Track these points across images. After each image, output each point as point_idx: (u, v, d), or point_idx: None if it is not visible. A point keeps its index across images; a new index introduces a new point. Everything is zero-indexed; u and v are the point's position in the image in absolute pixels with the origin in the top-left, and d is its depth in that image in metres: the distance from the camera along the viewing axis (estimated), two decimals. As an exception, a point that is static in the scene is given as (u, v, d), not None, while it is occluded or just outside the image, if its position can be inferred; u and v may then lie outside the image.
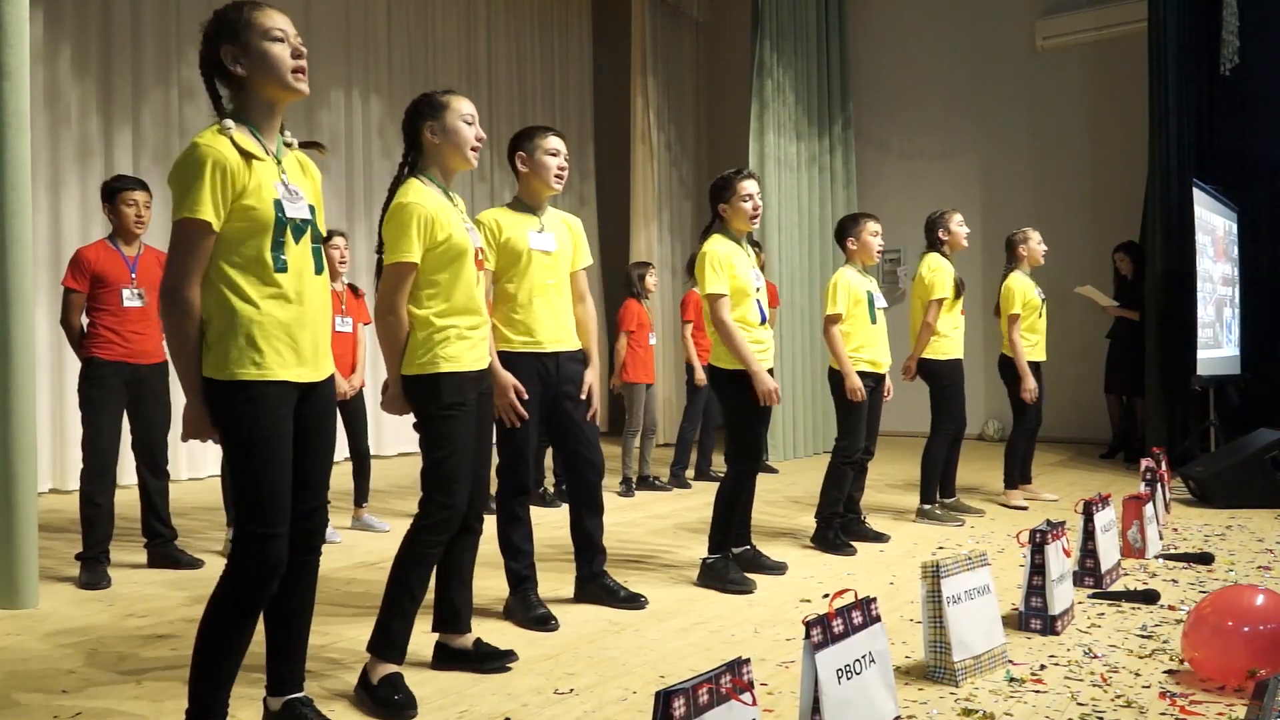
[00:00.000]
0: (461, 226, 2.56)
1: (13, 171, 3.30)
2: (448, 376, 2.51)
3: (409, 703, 2.39)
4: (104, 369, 3.77)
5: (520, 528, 3.25)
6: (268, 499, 2.01)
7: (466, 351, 2.55)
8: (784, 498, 5.83)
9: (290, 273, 2.04)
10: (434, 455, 2.53)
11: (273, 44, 2.01)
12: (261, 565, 2.01)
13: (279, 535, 2.02)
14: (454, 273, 2.53)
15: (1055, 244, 7.31)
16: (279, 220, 2.02)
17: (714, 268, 3.60)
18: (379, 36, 8.03)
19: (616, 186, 9.60)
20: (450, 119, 2.57)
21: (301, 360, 2.06)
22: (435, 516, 2.52)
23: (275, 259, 2.02)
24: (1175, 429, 6.85)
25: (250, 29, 2.01)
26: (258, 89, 2.04)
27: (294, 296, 2.05)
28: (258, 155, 2.02)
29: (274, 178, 2.04)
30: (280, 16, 2.06)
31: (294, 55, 2.04)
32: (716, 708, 1.66)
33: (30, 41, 3.45)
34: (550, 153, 3.18)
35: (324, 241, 2.36)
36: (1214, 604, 2.57)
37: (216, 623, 2.02)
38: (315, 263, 2.11)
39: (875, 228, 4.47)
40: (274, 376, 2.01)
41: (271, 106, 2.07)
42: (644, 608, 3.36)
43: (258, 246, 2.01)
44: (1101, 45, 8.33)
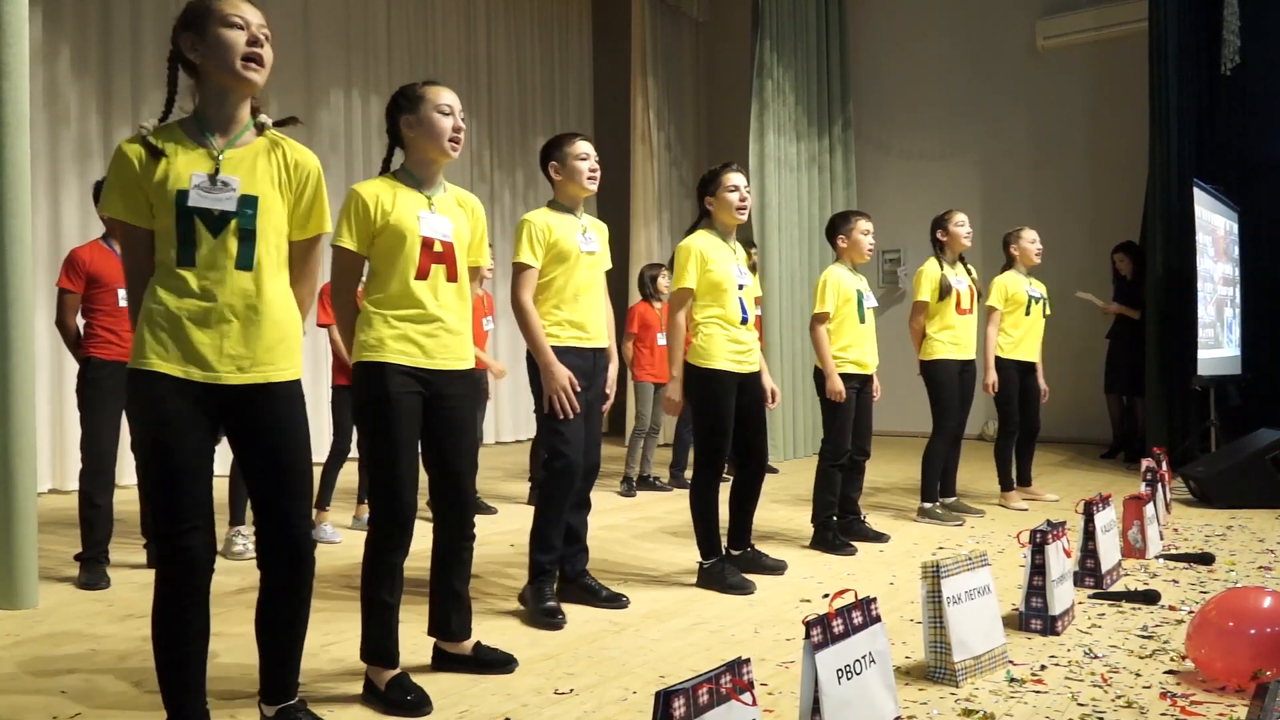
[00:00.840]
0: (412, 214, 2.49)
1: (12, 171, 3.30)
2: (371, 367, 2.45)
3: (422, 700, 2.38)
4: (101, 370, 3.76)
5: (558, 522, 3.26)
6: (168, 495, 1.96)
7: (394, 339, 2.45)
8: (784, 498, 5.83)
9: (199, 266, 1.97)
10: (368, 450, 2.49)
11: (228, 30, 1.98)
12: (178, 564, 1.98)
13: (191, 530, 1.97)
14: (392, 258, 2.47)
15: (1055, 244, 7.33)
16: (181, 211, 1.96)
17: (683, 261, 3.61)
18: (379, 36, 8.03)
19: (616, 186, 9.58)
20: (425, 110, 2.53)
21: (200, 358, 1.97)
22: (384, 518, 2.47)
23: (180, 252, 1.97)
24: (1175, 429, 6.85)
25: (209, 16, 1.98)
26: (211, 76, 2.01)
27: (200, 290, 1.97)
28: (167, 152, 1.97)
29: (194, 169, 1.98)
30: (246, 6, 2.01)
31: (249, 43, 1.99)
32: (716, 708, 1.66)
33: (30, 41, 3.45)
34: (581, 157, 3.24)
35: None
36: (1219, 606, 2.57)
37: (157, 627, 2.01)
38: (239, 256, 1.99)
39: (866, 226, 4.45)
40: (154, 368, 1.96)
41: (224, 96, 2.03)
42: (626, 607, 3.36)
43: (167, 239, 1.98)
44: (1101, 45, 8.33)
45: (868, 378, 4.49)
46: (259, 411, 2.05)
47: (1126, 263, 7.31)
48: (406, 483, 2.48)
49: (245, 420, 2.05)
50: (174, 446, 1.97)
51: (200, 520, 2.00)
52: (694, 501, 3.68)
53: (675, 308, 3.64)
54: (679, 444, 6.37)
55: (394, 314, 2.48)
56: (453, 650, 2.70)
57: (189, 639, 2.01)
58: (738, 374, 3.66)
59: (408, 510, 2.48)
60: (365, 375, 2.47)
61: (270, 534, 2.09)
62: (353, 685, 2.56)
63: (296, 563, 2.11)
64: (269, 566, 2.12)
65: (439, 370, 2.52)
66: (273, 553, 2.10)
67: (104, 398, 3.76)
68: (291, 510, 2.09)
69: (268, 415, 2.06)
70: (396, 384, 2.46)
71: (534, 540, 3.25)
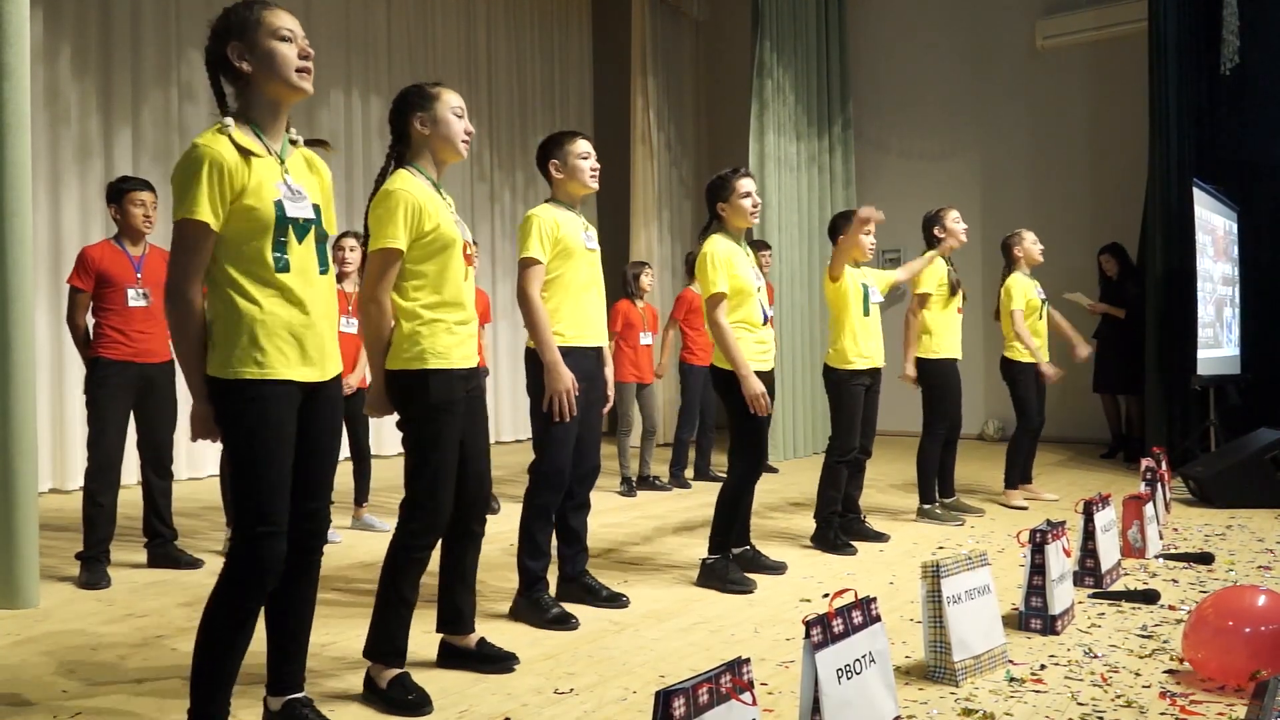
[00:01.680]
0: (450, 218, 2.52)
1: (13, 171, 3.30)
2: (436, 374, 2.46)
3: (423, 700, 2.39)
4: (110, 369, 3.77)
5: (546, 527, 3.24)
6: (267, 499, 2.01)
7: (455, 348, 2.50)
8: (784, 498, 5.83)
9: (293, 272, 2.04)
10: (419, 457, 2.49)
11: (280, 43, 2.02)
12: (259, 565, 2.01)
13: (277, 535, 2.02)
14: (442, 264, 2.48)
15: (1055, 244, 7.32)
16: (279, 220, 2.02)
17: (714, 266, 3.59)
18: (379, 36, 8.03)
19: (616, 186, 9.58)
20: (440, 110, 2.54)
21: (306, 360, 2.06)
22: (420, 520, 2.49)
23: (276, 259, 2.02)
24: (1175, 429, 6.85)
25: (258, 27, 2.02)
26: (262, 87, 2.05)
27: (297, 296, 2.04)
28: (257, 153, 2.02)
29: (276, 177, 2.04)
30: (289, 17, 2.07)
31: (300, 55, 2.05)
32: (716, 707, 1.66)
33: (30, 41, 3.45)
34: (583, 156, 3.23)
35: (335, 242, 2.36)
36: (1215, 604, 2.57)
37: (216, 622, 2.02)
38: (319, 262, 2.11)
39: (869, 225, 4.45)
40: (276, 375, 2.01)
41: (275, 105, 2.08)
42: (626, 606, 3.36)
43: (259, 246, 2.01)
44: (1101, 45, 8.33)
45: (876, 373, 4.49)
46: (318, 408, 2.12)
47: (1113, 264, 7.41)
48: (449, 482, 2.52)
49: (304, 416, 2.10)
50: (282, 454, 2.03)
51: (285, 526, 2.06)
52: (725, 495, 3.69)
53: (714, 312, 3.60)
54: (678, 444, 6.37)
55: (455, 320, 2.50)
56: (459, 644, 2.71)
57: (246, 634, 2.05)
58: (762, 372, 3.69)
59: (447, 508, 2.52)
60: (429, 381, 2.45)
61: (294, 523, 2.11)
62: (353, 683, 2.56)
63: (312, 551, 2.18)
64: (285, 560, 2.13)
65: (474, 369, 2.60)
66: (293, 542, 2.11)
67: (112, 397, 3.77)
68: (326, 502, 2.20)
69: (328, 405, 2.15)
70: (458, 389, 2.50)
71: (523, 545, 3.23)
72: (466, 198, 8.63)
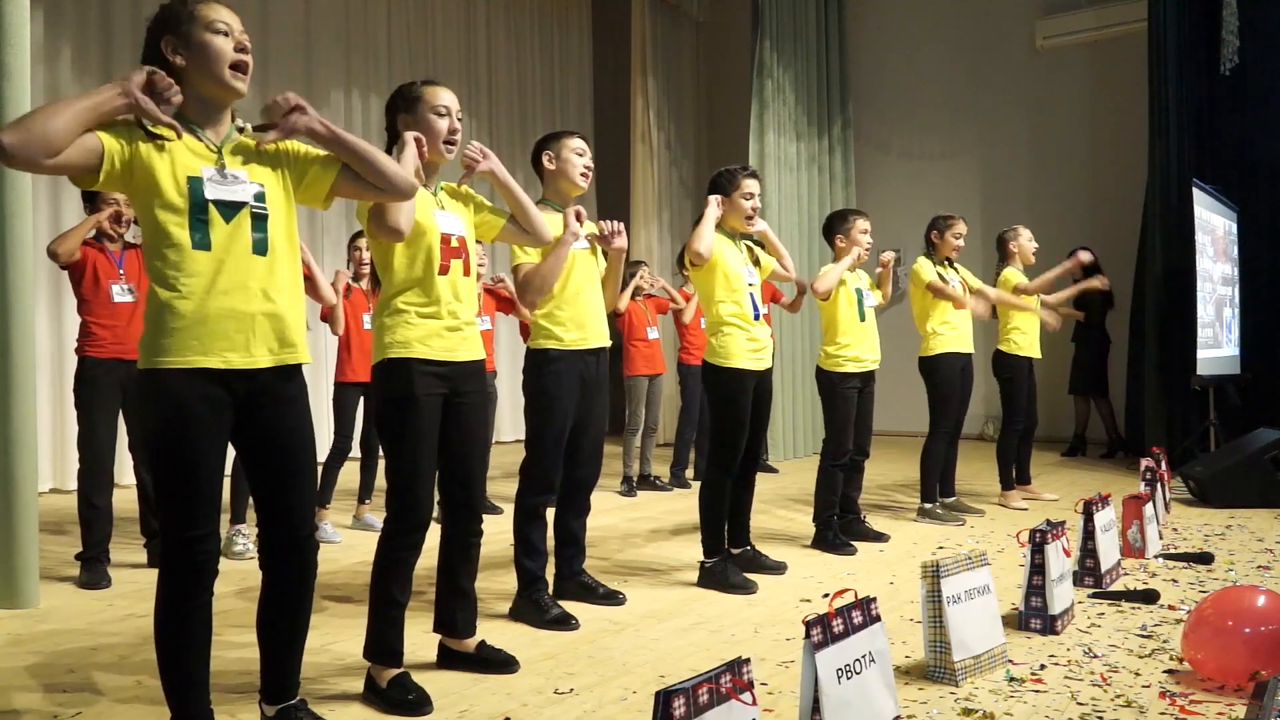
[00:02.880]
0: (429, 210, 2.50)
1: (13, 171, 3.30)
2: (395, 365, 2.44)
3: (423, 700, 2.39)
4: (97, 368, 3.75)
5: (539, 526, 3.25)
6: (184, 499, 1.93)
7: (420, 339, 2.45)
8: (784, 498, 5.83)
9: (214, 252, 1.93)
10: (388, 452, 2.49)
11: (214, 36, 1.94)
12: (195, 569, 1.96)
13: (207, 535, 1.96)
14: (412, 254, 2.47)
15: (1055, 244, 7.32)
16: (196, 199, 1.92)
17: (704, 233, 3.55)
18: (379, 36, 8.03)
19: (616, 186, 9.59)
20: (421, 110, 2.52)
21: (230, 348, 1.94)
22: (401, 517, 2.47)
23: (195, 238, 1.91)
24: (1175, 429, 6.85)
25: (192, 20, 1.94)
26: (195, 83, 1.97)
27: (225, 278, 1.94)
28: (169, 137, 1.92)
29: (204, 162, 1.95)
30: (226, 10, 1.98)
31: (236, 49, 1.97)
32: (716, 708, 1.66)
33: (30, 41, 3.45)
34: (577, 152, 3.22)
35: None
36: (1215, 604, 2.57)
37: (164, 627, 1.99)
38: (254, 243, 1.97)
39: (865, 225, 4.45)
40: (186, 364, 1.91)
41: (208, 104, 1.99)
42: (623, 604, 3.37)
43: (177, 224, 1.91)
44: (1101, 45, 8.33)
45: (869, 375, 4.49)
46: (270, 402, 2.02)
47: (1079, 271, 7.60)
48: (427, 477, 2.49)
49: (255, 411, 2.01)
50: (198, 449, 1.93)
51: (215, 524, 2.00)
52: (703, 498, 3.69)
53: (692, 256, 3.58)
54: (680, 443, 6.37)
55: (421, 312, 2.47)
56: (457, 647, 2.71)
57: (196, 634, 2.00)
58: (755, 371, 3.68)
59: (427, 503, 2.50)
60: (393, 372, 2.45)
61: (274, 532, 2.09)
62: (353, 684, 2.56)
63: (299, 562, 2.11)
64: (271, 565, 2.12)
65: (458, 364, 2.53)
66: (276, 551, 2.10)
67: (100, 396, 3.76)
68: (297, 502, 2.09)
69: (284, 399, 2.04)
70: (423, 382, 2.46)
71: (518, 546, 3.25)
72: (466, 198, 8.63)
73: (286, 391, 2.06)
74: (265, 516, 2.10)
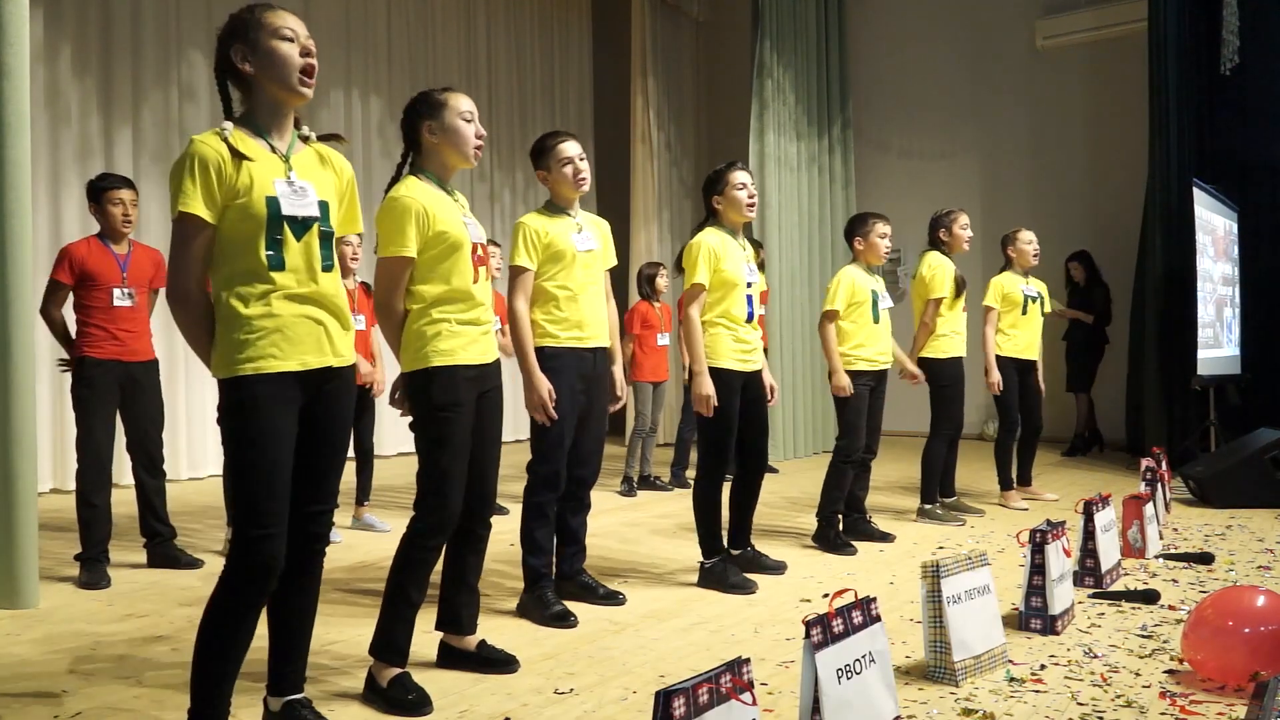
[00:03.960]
0: (459, 220, 2.54)
1: (13, 171, 3.29)
2: (440, 371, 2.48)
3: (423, 700, 2.39)
4: (95, 369, 3.75)
5: (545, 525, 3.26)
6: (264, 500, 1.99)
7: (462, 346, 2.51)
8: (784, 498, 5.83)
9: (288, 270, 2.03)
10: (427, 457, 2.51)
11: (281, 43, 2.01)
12: (259, 566, 2.00)
13: (274, 536, 2.01)
14: (449, 266, 2.50)
15: (1055, 244, 7.33)
16: (273, 217, 2.00)
17: (699, 258, 3.60)
18: (379, 36, 8.02)
19: (616, 186, 9.59)
20: (449, 117, 2.55)
21: (303, 354, 2.04)
22: (430, 519, 2.50)
23: (270, 257, 2.00)
24: (1175, 429, 6.85)
25: (260, 28, 2.02)
26: (264, 88, 2.04)
27: (296, 293, 2.03)
28: (251, 156, 2.00)
29: (276, 175, 2.03)
30: (292, 18, 2.06)
31: (302, 54, 2.04)
32: (716, 707, 1.66)
33: (30, 41, 3.45)
34: (565, 161, 3.22)
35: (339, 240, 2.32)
36: (1215, 604, 2.57)
37: (215, 623, 2.02)
38: (323, 259, 2.08)
39: (884, 229, 4.48)
40: (268, 370, 1.99)
41: (278, 107, 2.07)
42: (623, 604, 3.37)
43: (253, 245, 1.99)
44: (1101, 45, 8.33)
45: (882, 375, 4.49)
46: (324, 406, 2.10)
47: (1080, 271, 7.75)
48: (459, 480, 2.52)
49: (317, 407, 2.09)
50: (278, 453, 2.00)
51: (283, 526, 2.04)
52: (697, 500, 3.69)
53: (689, 303, 3.63)
54: (680, 443, 6.38)
55: (460, 319, 2.51)
56: (458, 645, 2.71)
57: (245, 634, 2.04)
58: (742, 372, 3.67)
59: (457, 506, 2.52)
60: (439, 380, 2.47)
61: (296, 523, 2.10)
62: (353, 683, 2.56)
63: (315, 553, 2.17)
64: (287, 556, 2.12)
65: (486, 367, 2.58)
66: (294, 542, 2.11)
67: (98, 397, 3.75)
68: (332, 503, 2.18)
69: (341, 401, 2.13)
70: (467, 388, 2.50)
71: (524, 545, 3.27)
72: (466, 197, 8.62)
73: (337, 386, 2.14)
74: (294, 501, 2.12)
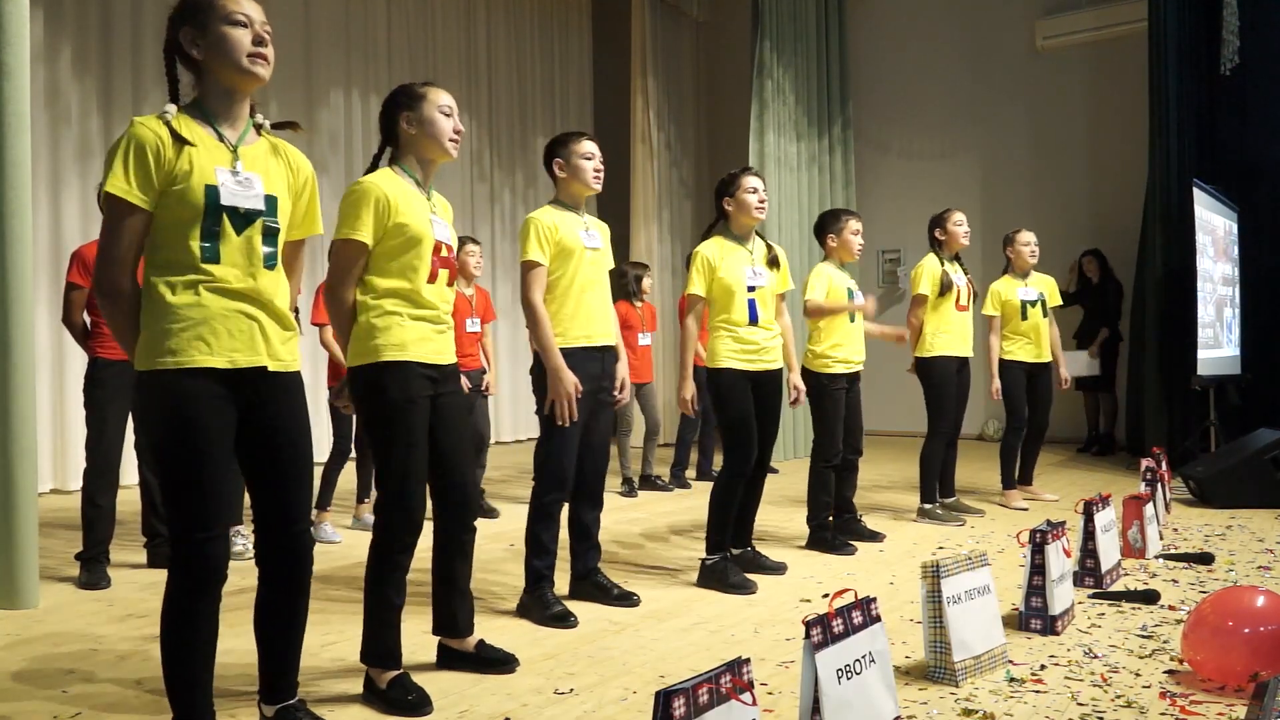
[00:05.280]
0: (425, 216, 2.50)
1: (13, 171, 3.30)
2: (392, 366, 2.43)
3: (423, 700, 2.39)
4: (107, 369, 3.75)
5: (550, 526, 3.25)
6: (198, 500, 1.92)
7: (415, 341, 2.45)
8: (784, 498, 5.83)
9: (224, 264, 1.94)
10: (383, 456, 2.46)
11: (232, 28, 1.95)
12: (202, 569, 1.95)
13: (216, 537, 1.95)
14: (407, 260, 2.46)
15: (1055, 244, 7.33)
16: (210, 207, 1.91)
17: (697, 269, 3.70)
18: (379, 36, 8.02)
19: (616, 186, 9.57)
20: (427, 109, 2.53)
21: (234, 350, 1.95)
22: (395, 521, 2.45)
23: (204, 249, 1.92)
24: (1175, 429, 6.85)
25: (211, 12, 1.95)
26: (215, 73, 1.98)
27: (231, 289, 1.94)
28: (194, 141, 1.93)
29: (218, 164, 1.95)
30: (247, 1, 1.99)
31: (255, 41, 1.97)
32: (716, 708, 1.66)
33: (30, 41, 3.45)
34: (586, 156, 3.25)
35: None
36: (1214, 605, 2.57)
37: (170, 628, 1.98)
38: (265, 257, 1.99)
39: (856, 226, 4.47)
40: (190, 364, 1.90)
41: (229, 92, 2.00)
42: (637, 605, 3.37)
43: (185, 233, 1.91)
44: (1101, 45, 8.33)
45: (855, 375, 4.50)
46: (275, 404, 2.03)
47: (1094, 267, 7.73)
48: (420, 478, 2.49)
49: (259, 414, 2.02)
50: (207, 448, 1.92)
51: (225, 524, 2.00)
52: (715, 494, 3.71)
53: (686, 313, 3.75)
54: (680, 443, 6.38)
55: (412, 315, 2.47)
56: (456, 647, 2.71)
57: (203, 635, 2.00)
58: (748, 371, 3.68)
59: (420, 504, 2.48)
60: (388, 375, 2.44)
61: (271, 532, 2.09)
62: (353, 684, 2.56)
63: (296, 561, 2.11)
64: (268, 565, 2.12)
65: (443, 367, 2.54)
66: (273, 551, 2.10)
67: (110, 397, 3.76)
68: (303, 508, 2.10)
69: (283, 408, 2.05)
70: (418, 385, 2.46)
71: (529, 546, 3.26)
72: (466, 197, 8.63)
73: (288, 397, 2.07)
74: (261, 514, 2.10)
